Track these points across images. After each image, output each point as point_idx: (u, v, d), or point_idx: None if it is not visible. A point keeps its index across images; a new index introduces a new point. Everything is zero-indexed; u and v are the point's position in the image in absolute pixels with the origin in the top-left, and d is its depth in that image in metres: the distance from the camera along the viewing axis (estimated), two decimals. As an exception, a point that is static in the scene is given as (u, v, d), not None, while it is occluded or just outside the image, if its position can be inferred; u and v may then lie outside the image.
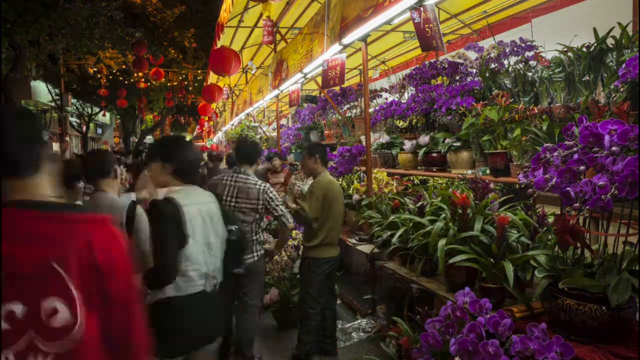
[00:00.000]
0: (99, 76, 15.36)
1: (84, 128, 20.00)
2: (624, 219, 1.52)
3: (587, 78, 2.21)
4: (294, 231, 4.19)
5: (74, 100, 17.11)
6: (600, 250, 1.61)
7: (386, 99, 4.98)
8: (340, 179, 4.69)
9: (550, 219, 2.04)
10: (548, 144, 1.62)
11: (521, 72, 2.81)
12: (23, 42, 9.38)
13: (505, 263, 1.89)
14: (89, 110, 19.05)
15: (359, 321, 3.77)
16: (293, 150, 6.99)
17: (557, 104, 2.35)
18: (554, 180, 1.47)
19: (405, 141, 3.65)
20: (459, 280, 2.14)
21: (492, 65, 3.31)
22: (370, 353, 3.07)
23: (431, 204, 2.64)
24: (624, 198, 1.29)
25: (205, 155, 9.27)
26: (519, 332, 1.47)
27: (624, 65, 1.73)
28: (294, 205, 3.16)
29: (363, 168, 4.23)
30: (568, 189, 1.42)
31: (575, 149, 1.49)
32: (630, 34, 2.04)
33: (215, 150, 12.35)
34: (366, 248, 3.47)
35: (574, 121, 1.85)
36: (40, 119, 1.22)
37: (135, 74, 15.56)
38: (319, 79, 5.01)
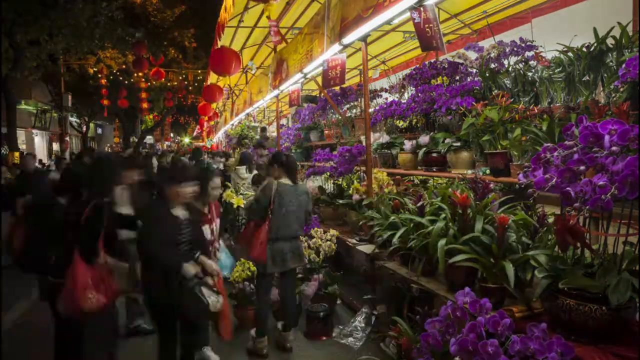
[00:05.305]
0: (99, 76, 15.36)
1: (84, 128, 20.01)
2: (624, 219, 1.52)
3: (587, 78, 2.21)
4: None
5: (74, 101, 17.12)
6: (600, 250, 1.61)
7: (386, 99, 4.98)
8: (341, 179, 4.68)
9: (550, 219, 2.04)
10: (548, 144, 1.62)
11: (521, 72, 2.81)
12: (23, 42, 9.39)
13: (506, 263, 1.89)
14: (89, 110, 19.04)
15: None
16: (293, 150, 6.99)
17: (557, 104, 2.36)
18: (554, 180, 1.47)
19: (405, 141, 3.65)
20: (459, 280, 2.14)
21: (492, 65, 3.32)
22: (370, 353, 3.07)
23: (431, 204, 2.64)
24: (624, 198, 1.29)
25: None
26: (519, 332, 1.47)
27: (624, 65, 1.73)
28: None
29: (363, 168, 4.23)
30: (568, 189, 1.42)
31: (575, 149, 1.48)
32: (630, 34, 2.04)
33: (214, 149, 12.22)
34: (366, 248, 3.47)
35: (574, 121, 1.85)
36: None
37: (135, 74, 15.58)
38: (319, 79, 5.01)
